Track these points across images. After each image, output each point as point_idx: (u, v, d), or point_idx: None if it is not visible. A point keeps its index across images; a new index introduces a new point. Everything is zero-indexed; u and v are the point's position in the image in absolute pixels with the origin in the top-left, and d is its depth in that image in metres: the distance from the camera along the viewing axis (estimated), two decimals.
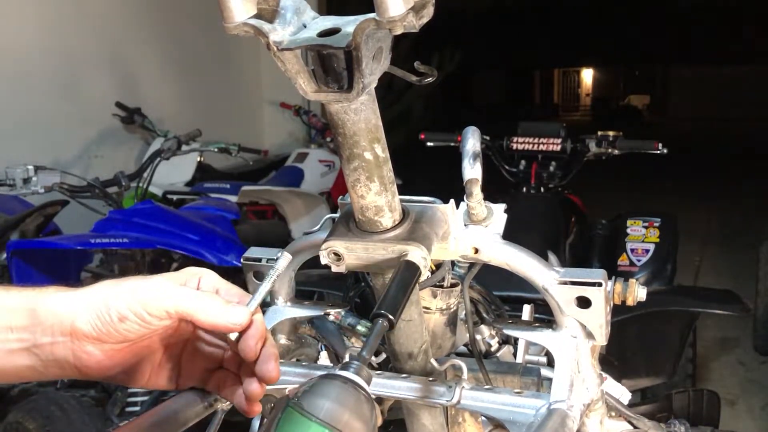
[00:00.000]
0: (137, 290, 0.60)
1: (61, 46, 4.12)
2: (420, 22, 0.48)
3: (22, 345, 0.61)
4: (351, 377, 0.51)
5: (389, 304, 0.57)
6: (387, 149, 0.60)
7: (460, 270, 0.89)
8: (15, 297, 0.62)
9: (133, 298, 0.60)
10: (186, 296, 0.61)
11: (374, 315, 0.56)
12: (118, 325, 0.60)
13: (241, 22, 0.51)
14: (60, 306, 0.61)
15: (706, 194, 7.84)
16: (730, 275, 4.78)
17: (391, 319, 0.56)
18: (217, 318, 0.60)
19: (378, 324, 0.56)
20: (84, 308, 0.60)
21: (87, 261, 2.60)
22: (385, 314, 0.56)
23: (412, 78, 0.58)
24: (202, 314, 0.60)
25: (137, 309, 0.59)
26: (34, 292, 0.63)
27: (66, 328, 0.60)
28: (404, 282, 0.59)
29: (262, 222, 3.88)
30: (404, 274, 0.60)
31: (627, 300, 0.76)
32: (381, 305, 0.57)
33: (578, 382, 0.73)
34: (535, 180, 2.80)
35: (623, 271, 2.53)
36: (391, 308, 0.56)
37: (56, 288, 0.63)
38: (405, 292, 0.58)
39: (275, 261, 0.67)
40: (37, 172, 2.70)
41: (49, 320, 0.61)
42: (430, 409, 0.87)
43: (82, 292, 0.62)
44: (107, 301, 0.60)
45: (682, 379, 2.56)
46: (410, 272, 0.60)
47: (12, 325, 0.61)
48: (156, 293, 0.60)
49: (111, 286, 0.62)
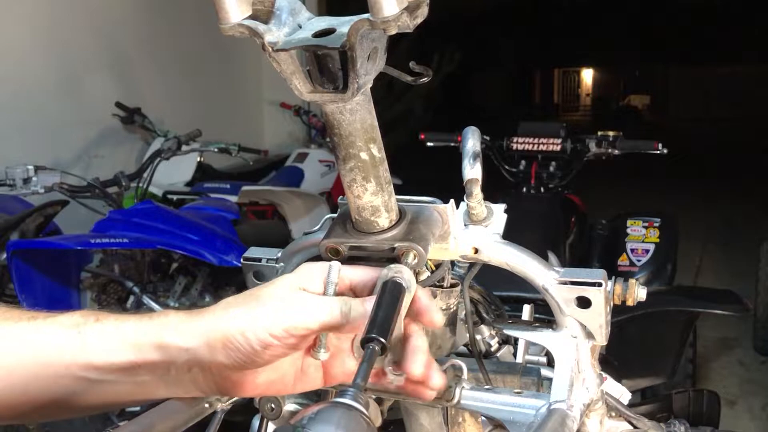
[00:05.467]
0: (276, 312, 0.57)
1: (61, 46, 4.12)
2: (414, 23, 0.48)
3: (155, 377, 0.58)
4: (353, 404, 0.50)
5: (380, 326, 0.54)
6: (383, 149, 0.60)
7: (460, 270, 0.89)
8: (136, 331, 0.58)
9: (273, 322, 0.56)
10: (323, 309, 0.57)
11: (365, 339, 0.54)
12: (262, 353, 0.57)
13: (236, 23, 0.51)
14: (191, 341, 0.57)
15: (706, 194, 7.84)
16: (730, 275, 4.78)
17: (383, 344, 0.53)
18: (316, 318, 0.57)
19: (370, 349, 0.53)
20: (219, 341, 0.57)
21: (87, 261, 2.60)
22: (377, 338, 0.53)
23: (408, 78, 0.58)
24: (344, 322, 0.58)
25: (280, 333, 0.56)
26: (156, 322, 0.58)
27: (204, 363, 0.57)
28: (392, 302, 0.57)
29: (262, 222, 3.88)
30: (390, 294, 0.57)
31: (627, 300, 0.76)
32: (371, 329, 0.54)
33: (578, 382, 0.73)
34: (535, 180, 2.81)
35: (623, 271, 2.53)
36: (382, 331, 0.54)
37: (176, 314, 0.59)
38: (394, 312, 0.56)
39: (328, 273, 0.62)
40: (37, 172, 2.70)
41: (182, 357, 0.57)
42: (428, 409, 0.87)
43: (211, 319, 0.58)
44: (243, 331, 0.56)
45: (682, 379, 2.56)
46: (396, 292, 0.58)
47: (140, 362, 0.57)
48: (296, 312, 0.57)
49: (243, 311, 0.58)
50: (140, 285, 2.55)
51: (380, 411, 0.93)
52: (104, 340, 0.58)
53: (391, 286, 0.58)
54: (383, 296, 0.57)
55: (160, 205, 2.70)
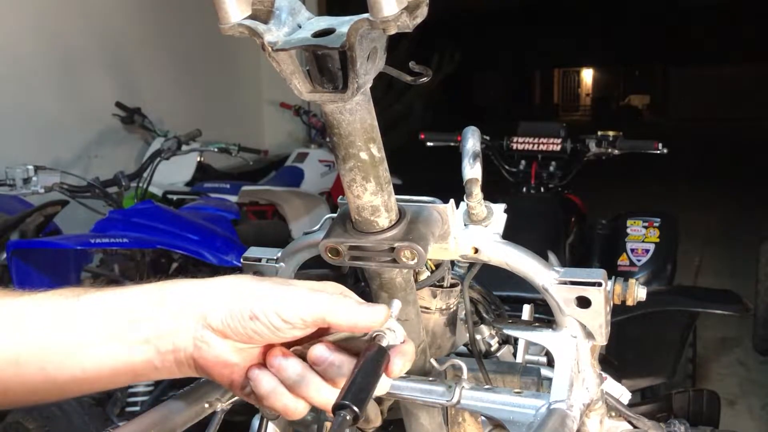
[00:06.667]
0: (274, 293, 0.58)
1: (61, 46, 4.12)
2: (414, 22, 0.48)
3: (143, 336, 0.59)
4: None
5: (355, 394, 0.51)
6: (383, 149, 0.60)
7: (459, 270, 0.89)
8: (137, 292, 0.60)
9: (268, 300, 0.58)
10: (320, 299, 0.58)
11: (338, 406, 0.51)
12: (247, 322, 0.57)
13: (236, 23, 0.51)
14: (191, 291, 0.60)
15: (706, 194, 7.84)
16: (730, 275, 4.78)
17: (356, 413, 0.51)
18: (356, 318, 0.57)
19: (341, 417, 0.50)
20: (216, 297, 0.59)
21: (87, 261, 2.59)
22: (350, 406, 0.51)
23: (407, 78, 0.58)
24: (340, 316, 0.57)
25: (270, 312, 0.57)
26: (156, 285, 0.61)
27: (194, 313, 0.58)
28: (373, 368, 0.55)
29: (262, 222, 3.88)
30: (373, 360, 0.55)
31: (627, 300, 0.76)
32: (346, 394, 0.51)
33: (578, 382, 0.73)
34: (535, 180, 2.81)
35: (623, 271, 2.53)
36: (357, 399, 0.51)
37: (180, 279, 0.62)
38: (373, 379, 0.54)
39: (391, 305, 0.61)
40: (37, 172, 2.69)
41: (176, 304, 0.59)
42: (428, 409, 0.87)
43: (216, 281, 0.61)
44: (242, 296, 0.58)
45: (682, 379, 2.56)
46: (379, 358, 0.56)
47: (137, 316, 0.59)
48: (292, 300, 0.58)
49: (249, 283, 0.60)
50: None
51: (380, 411, 0.93)
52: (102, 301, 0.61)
53: (375, 351, 0.56)
54: (366, 361, 0.55)
55: (160, 205, 2.69)
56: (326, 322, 0.58)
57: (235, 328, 0.58)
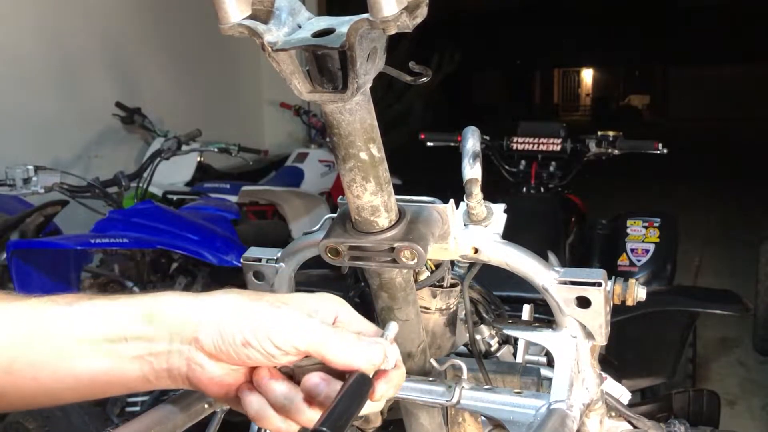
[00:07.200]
0: (268, 319, 0.57)
1: (61, 46, 4.12)
2: (414, 22, 0.48)
3: (136, 353, 0.58)
4: None
5: (334, 421, 0.51)
6: (383, 149, 0.60)
7: (459, 270, 0.89)
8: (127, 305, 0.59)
9: (261, 325, 0.56)
10: (316, 329, 0.57)
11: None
12: (239, 348, 0.56)
13: (235, 23, 0.51)
14: (184, 311, 0.58)
15: (706, 194, 7.83)
16: (730, 275, 4.78)
17: None
18: (352, 358, 0.56)
19: None
20: (208, 320, 0.57)
21: (87, 261, 2.60)
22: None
23: (407, 78, 0.58)
24: (336, 353, 0.56)
25: (262, 338, 0.56)
26: (148, 297, 0.60)
27: (187, 335, 0.57)
28: (356, 395, 0.54)
29: (262, 222, 3.88)
30: (356, 385, 0.55)
31: (627, 300, 0.76)
32: (325, 420, 0.51)
33: (578, 382, 0.73)
34: (535, 180, 2.81)
35: (623, 271, 2.52)
36: (335, 426, 0.50)
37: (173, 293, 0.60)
38: (355, 407, 0.54)
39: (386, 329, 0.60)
40: (37, 172, 2.69)
41: (167, 324, 0.58)
42: (428, 409, 0.87)
43: (209, 301, 0.59)
44: (236, 318, 0.57)
45: (682, 379, 2.56)
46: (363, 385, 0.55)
47: (127, 334, 0.58)
48: (286, 327, 0.56)
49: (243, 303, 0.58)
50: (140, 285, 2.55)
51: (380, 411, 0.93)
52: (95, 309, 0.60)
53: (359, 378, 0.55)
54: (350, 387, 0.55)
55: (160, 205, 2.69)
56: (320, 354, 0.57)
57: (227, 353, 0.57)
